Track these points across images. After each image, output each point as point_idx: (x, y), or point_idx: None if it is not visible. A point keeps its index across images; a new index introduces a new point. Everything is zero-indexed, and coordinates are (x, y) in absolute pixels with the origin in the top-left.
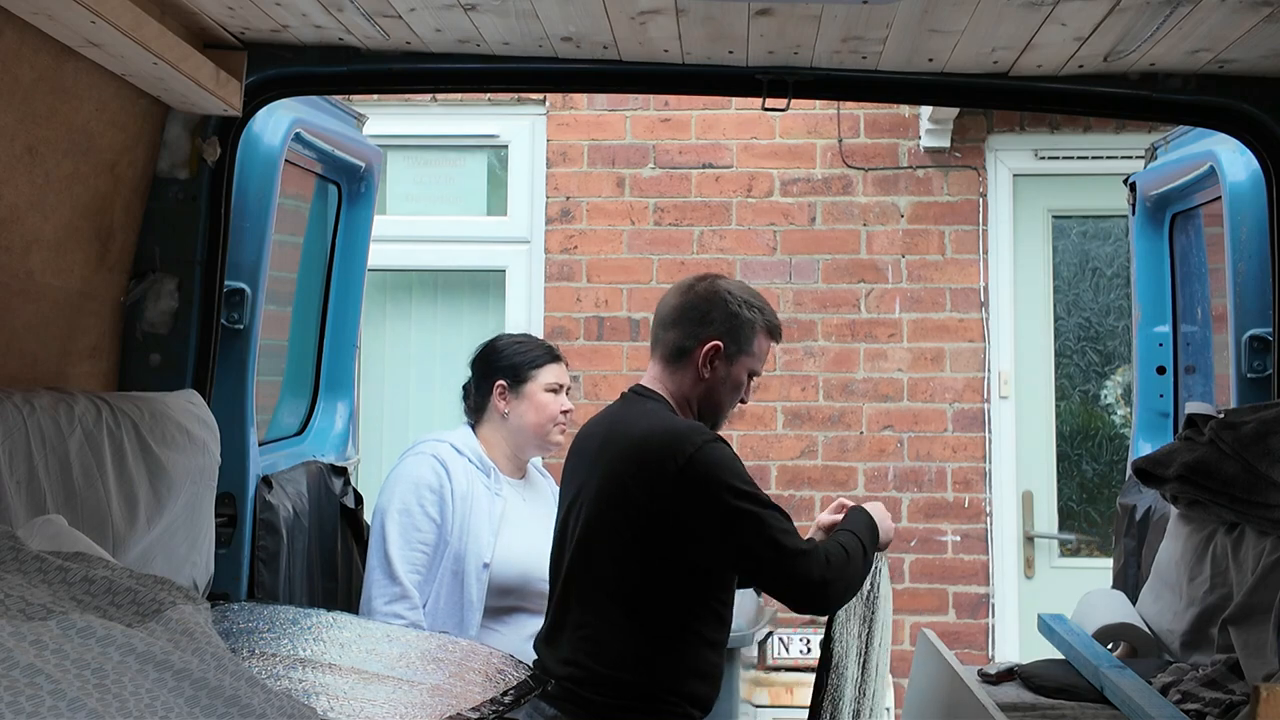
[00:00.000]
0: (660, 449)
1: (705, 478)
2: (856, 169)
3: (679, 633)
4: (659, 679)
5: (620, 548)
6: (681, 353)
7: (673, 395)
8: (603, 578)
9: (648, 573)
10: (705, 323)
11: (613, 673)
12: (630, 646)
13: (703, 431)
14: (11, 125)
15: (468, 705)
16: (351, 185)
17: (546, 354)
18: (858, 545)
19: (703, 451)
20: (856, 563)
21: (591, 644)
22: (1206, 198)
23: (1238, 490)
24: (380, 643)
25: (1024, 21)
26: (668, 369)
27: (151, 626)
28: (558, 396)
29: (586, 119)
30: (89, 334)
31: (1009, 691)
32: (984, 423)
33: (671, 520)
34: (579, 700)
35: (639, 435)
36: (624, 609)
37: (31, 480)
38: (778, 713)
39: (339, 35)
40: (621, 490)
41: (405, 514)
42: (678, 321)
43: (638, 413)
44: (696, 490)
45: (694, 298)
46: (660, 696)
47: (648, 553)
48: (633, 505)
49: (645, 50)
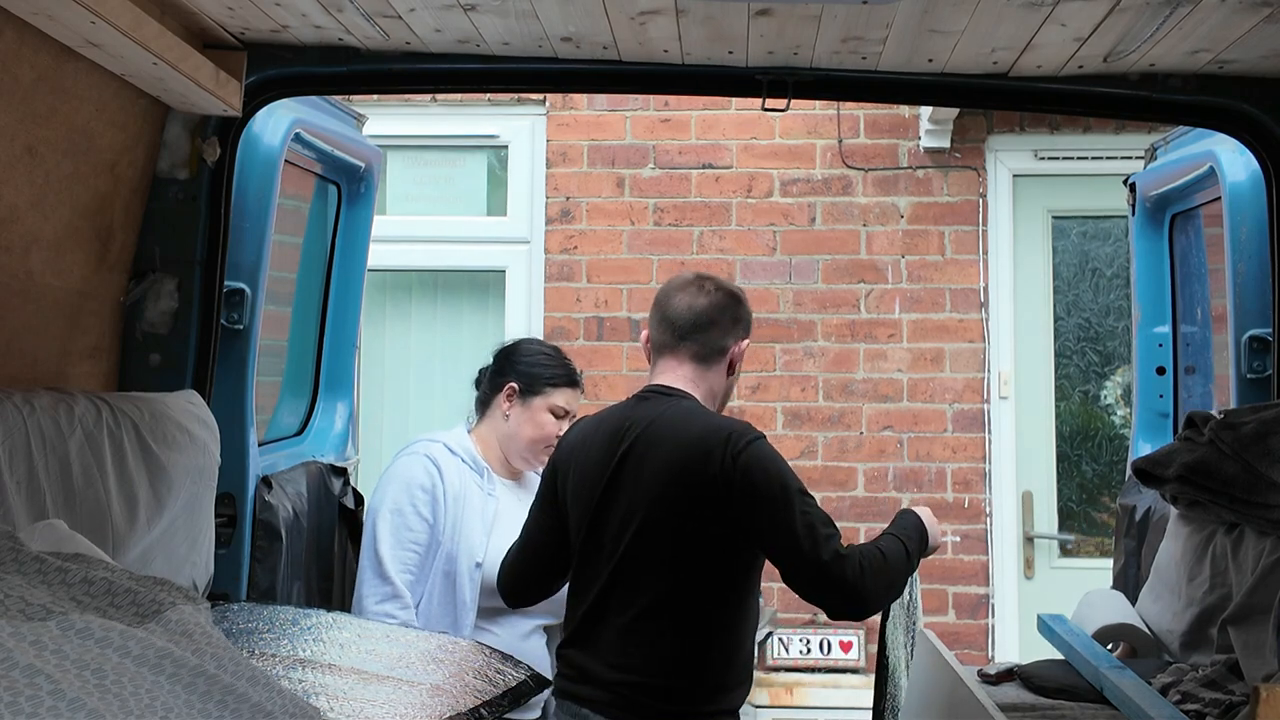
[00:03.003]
0: (716, 444)
1: (760, 469)
2: (856, 169)
3: (730, 636)
4: (712, 683)
5: (680, 548)
6: (720, 353)
7: (703, 394)
8: (658, 580)
9: (705, 574)
10: (737, 322)
11: (668, 682)
12: (687, 651)
13: (752, 428)
14: (11, 125)
15: (467, 705)
16: (351, 185)
17: (566, 377)
18: (899, 550)
19: (756, 445)
20: (898, 567)
21: (646, 648)
22: (1206, 198)
23: (1237, 490)
24: (380, 643)
25: (1024, 22)
26: (700, 368)
27: (151, 627)
28: (559, 421)
29: (586, 119)
30: (89, 334)
31: (1009, 692)
32: (984, 423)
33: (726, 515)
34: (634, 707)
35: (696, 433)
36: (680, 612)
37: (31, 480)
38: (778, 713)
39: (339, 35)
40: (681, 489)
41: (397, 513)
42: (714, 322)
43: (682, 412)
44: (751, 480)
45: (723, 298)
46: (711, 700)
47: (707, 551)
48: (690, 502)
49: (645, 50)
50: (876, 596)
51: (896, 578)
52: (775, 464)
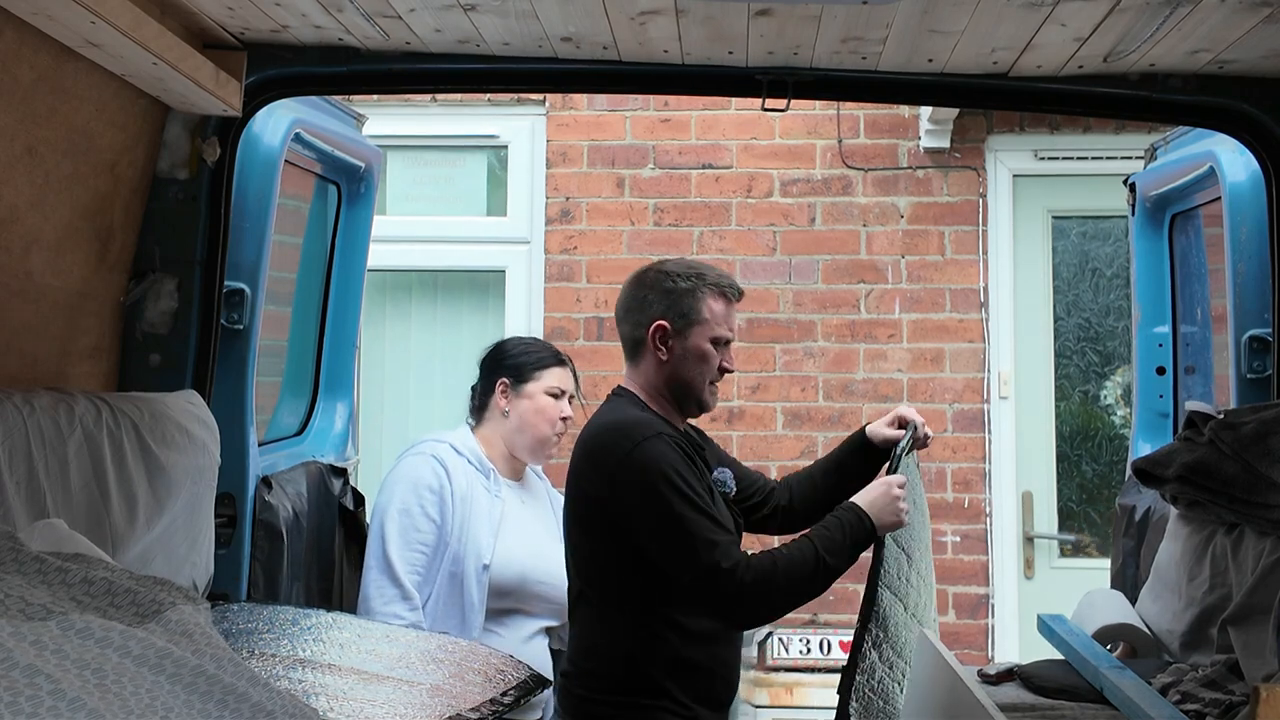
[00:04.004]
0: (606, 443)
1: (643, 472)
2: (856, 169)
3: (650, 624)
4: (639, 671)
5: (582, 546)
6: (637, 344)
7: (643, 389)
8: (576, 575)
9: (604, 566)
10: (645, 307)
11: (591, 666)
12: (603, 640)
13: (646, 428)
14: (11, 125)
15: (467, 705)
16: (351, 185)
17: (552, 357)
18: (809, 555)
19: (642, 447)
20: (796, 572)
21: (577, 642)
22: (1206, 198)
23: (1237, 490)
24: (380, 643)
25: (1024, 22)
26: (631, 364)
27: (151, 627)
28: (558, 401)
29: (586, 119)
30: (89, 334)
31: (1009, 692)
32: (984, 423)
33: (615, 514)
34: (568, 694)
35: (588, 434)
36: (593, 604)
37: (31, 480)
38: (778, 713)
39: (339, 35)
40: (576, 487)
41: (405, 514)
42: (625, 315)
43: (599, 413)
44: (633, 484)
45: (632, 287)
46: (641, 689)
47: (603, 548)
48: (585, 500)
49: (645, 50)
50: (766, 608)
51: (792, 584)
52: (659, 464)
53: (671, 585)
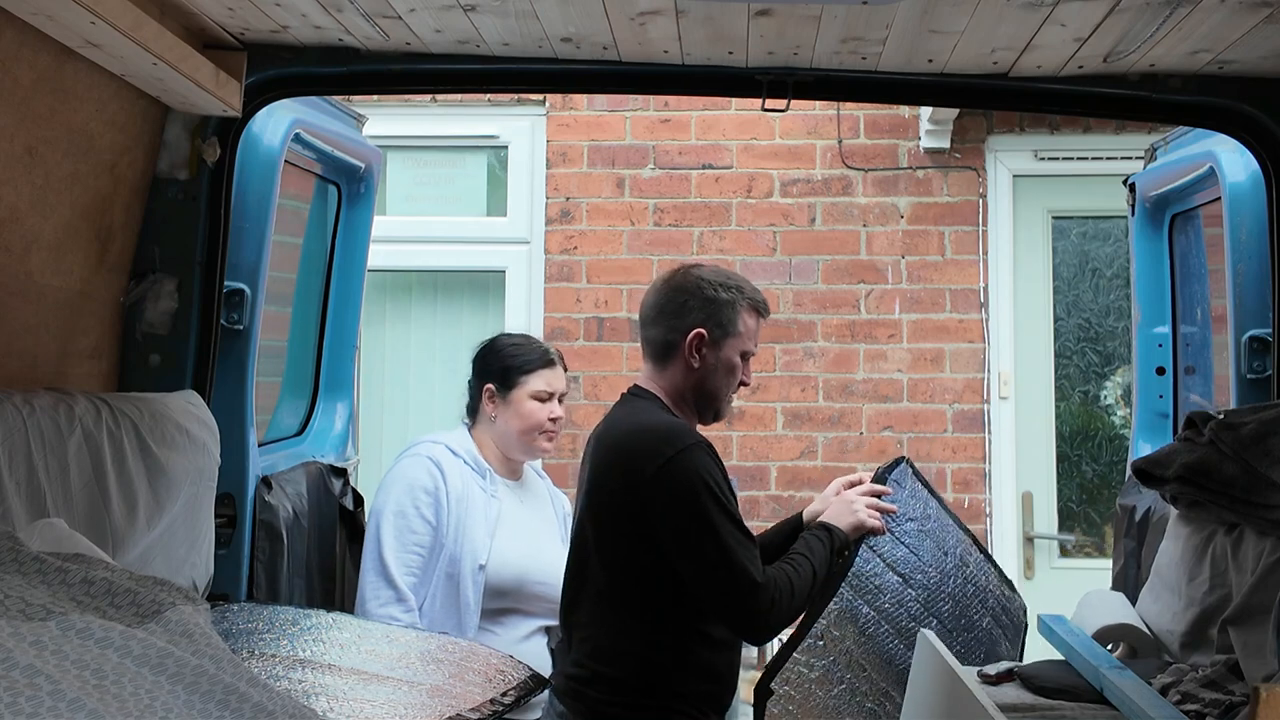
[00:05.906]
0: (646, 447)
1: (684, 479)
2: (856, 170)
3: (674, 630)
4: (658, 677)
5: (607, 548)
6: (669, 348)
7: (666, 392)
8: (595, 578)
9: (632, 572)
10: (685, 313)
11: (608, 670)
12: (624, 644)
13: (687, 435)
14: (11, 125)
15: (467, 706)
16: (351, 186)
17: (540, 358)
18: (807, 570)
19: (684, 455)
20: (802, 589)
21: (591, 644)
22: (1206, 198)
23: (1237, 491)
24: (380, 643)
25: (1024, 22)
26: (657, 367)
27: (151, 627)
28: (545, 404)
29: (586, 119)
30: (89, 334)
31: (1009, 692)
32: (984, 423)
33: (648, 519)
34: (582, 697)
35: (621, 435)
36: (615, 608)
37: (31, 481)
38: None
39: (339, 36)
40: (605, 491)
41: (400, 516)
42: (658, 318)
43: (627, 413)
44: (671, 492)
45: (670, 291)
46: (661, 694)
47: (631, 551)
48: (615, 505)
49: (645, 51)
50: (782, 625)
51: (798, 598)
52: (700, 473)
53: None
